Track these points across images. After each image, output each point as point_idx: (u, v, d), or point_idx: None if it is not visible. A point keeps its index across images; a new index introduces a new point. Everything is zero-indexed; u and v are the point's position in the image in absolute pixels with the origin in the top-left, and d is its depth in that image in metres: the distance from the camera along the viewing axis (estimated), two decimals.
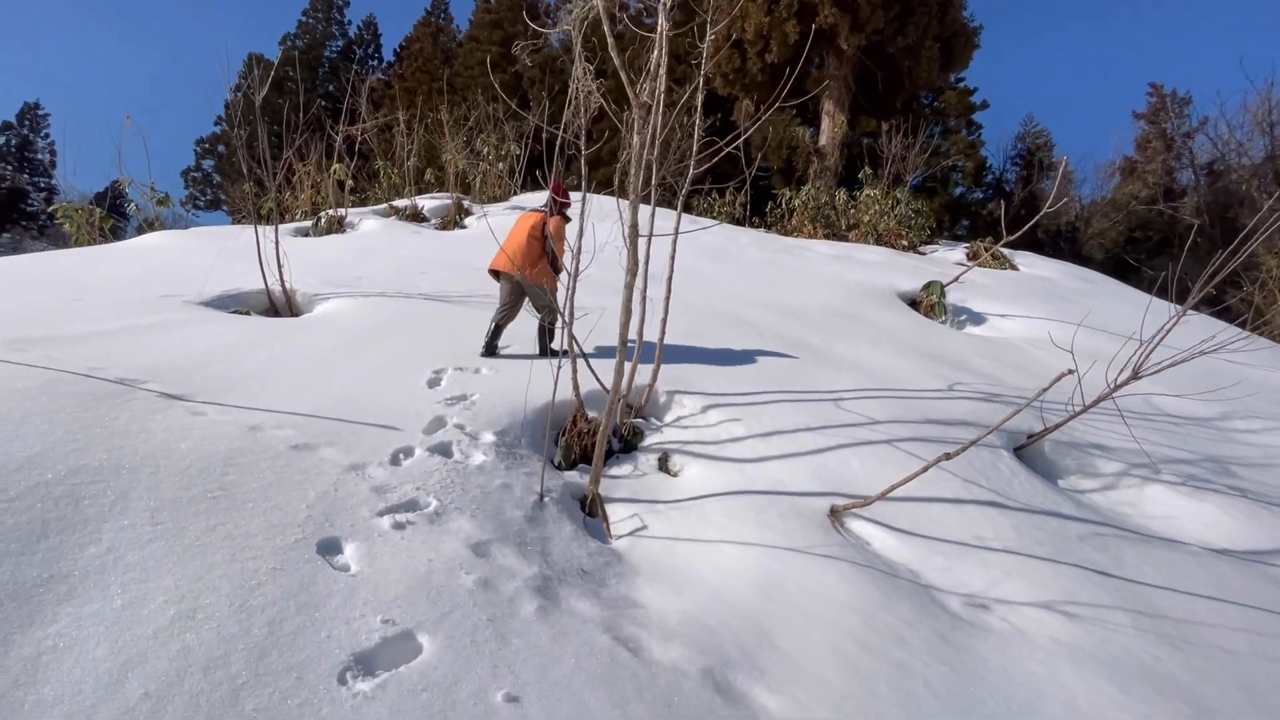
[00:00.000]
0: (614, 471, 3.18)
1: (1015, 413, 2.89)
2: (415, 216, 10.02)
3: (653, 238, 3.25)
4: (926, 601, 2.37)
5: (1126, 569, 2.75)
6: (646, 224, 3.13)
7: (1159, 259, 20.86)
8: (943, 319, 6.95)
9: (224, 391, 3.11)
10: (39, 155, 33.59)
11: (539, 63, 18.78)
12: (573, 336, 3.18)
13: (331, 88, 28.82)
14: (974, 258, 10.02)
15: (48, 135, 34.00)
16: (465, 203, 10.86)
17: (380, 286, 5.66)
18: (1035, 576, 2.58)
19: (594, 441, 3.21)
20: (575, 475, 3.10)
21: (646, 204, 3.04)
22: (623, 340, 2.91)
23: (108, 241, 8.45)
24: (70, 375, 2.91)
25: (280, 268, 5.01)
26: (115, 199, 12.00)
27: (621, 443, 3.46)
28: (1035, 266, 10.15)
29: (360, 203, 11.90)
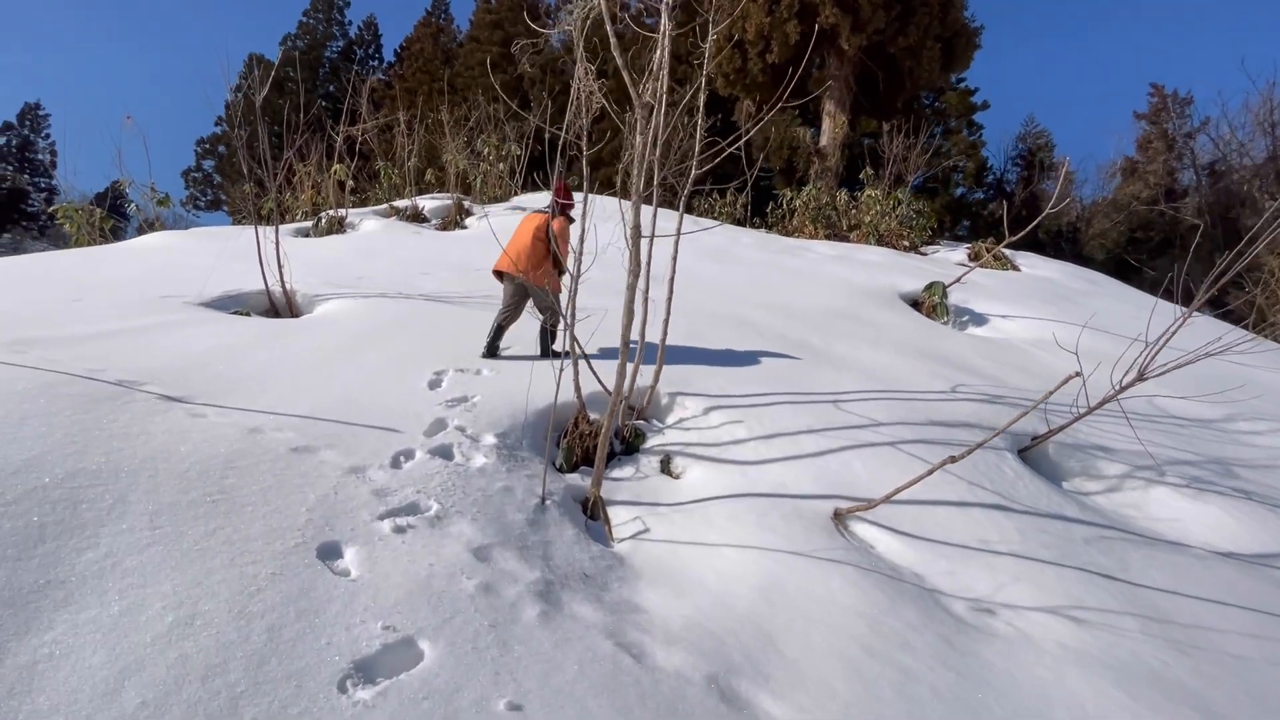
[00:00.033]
0: (616, 474, 3.16)
1: (1022, 415, 2.87)
2: (416, 217, 10.00)
3: (655, 239, 3.23)
4: (931, 606, 2.35)
5: (1132, 572, 2.73)
6: (648, 225, 3.12)
7: (1160, 259, 20.85)
8: (945, 320, 6.93)
9: (224, 393, 3.09)
10: (40, 155, 33.59)
11: (539, 63, 18.76)
12: (574, 338, 3.17)
13: (332, 88, 28.82)
14: (976, 258, 10.00)
15: (48, 135, 34.01)
16: (466, 203, 10.84)
17: (381, 287, 5.64)
18: (1041, 580, 2.56)
19: (596, 443, 3.19)
20: (577, 478, 3.08)
21: (648, 205, 3.01)
22: (625, 342, 2.89)
23: (108, 242, 8.43)
24: (69, 377, 2.89)
25: (280, 268, 4.99)
26: (115, 199, 11.99)
27: (623, 444, 3.44)
28: (1037, 267, 10.13)
29: (361, 203, 11.88)
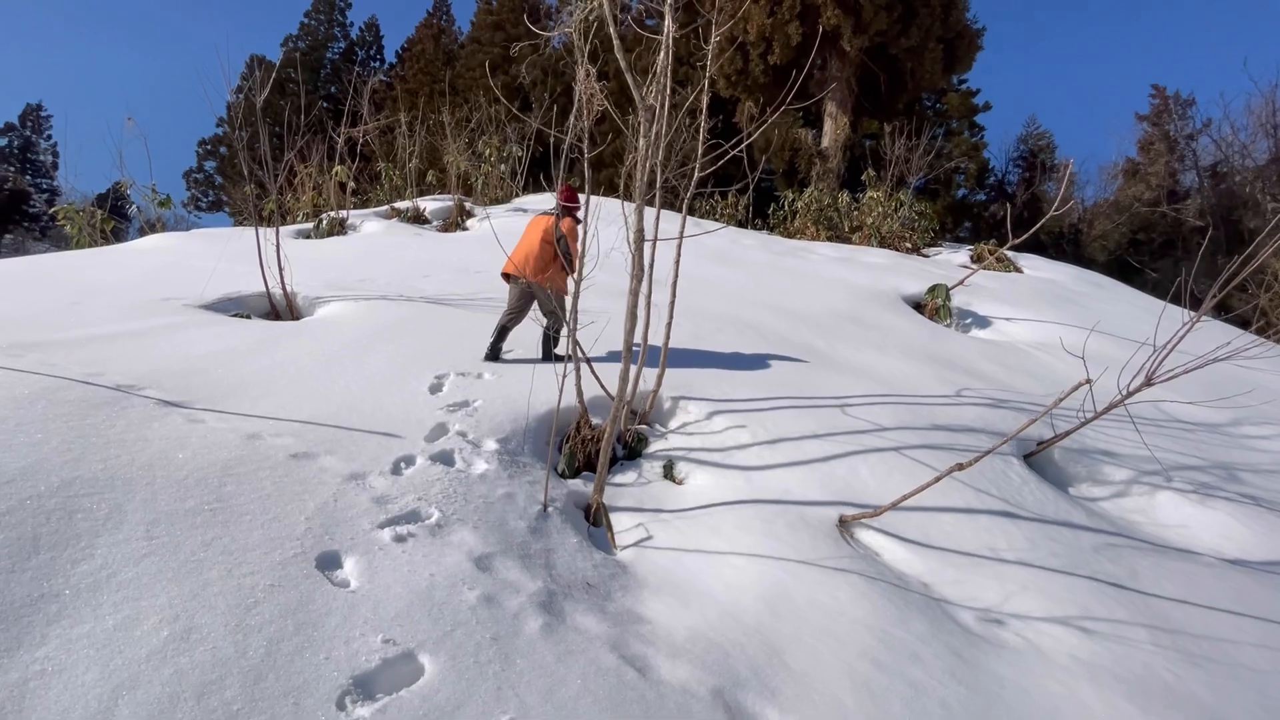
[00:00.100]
0: (618, 479, 3.13)
1: (1032, 421, 2.84)
2: (417, 218, 9.97)
3: (657, 242, 3.19)
4: (940, 616, 2.31)
5: (1142, 581, 2.69)
6: (650, 229, 3.08)
7: (1162, 261, 20.81)
8: (948, 322, 6.90)
9: (223, 397, 3.06)
10: (41, 157, 33.59)
11: (540, 64, 18.75)
12: (576, 342, 3.13)
13: (333, 89, 28.84)
14: (978, 260, 9.96)
15: (50, 137, 34.02)
16: (467, 204, 10.82)
17: (382, 289, 5.61)
18: (1050, 590, 2.52)
19: (598, 449, 3.15)
20: (579, 483, 3.05)
21: (651, 206, 2.98)
22: (628, 346, 2.85)
23: (109, 243, 8.41)
24: (67, 381, 2.86)
25: (281, 270, 4.96)
26: (117, 201, 11.97)
27: (626, 449, 3.40)
28: (1040, 269, 10.09)
29: (362, 204, 11.86)
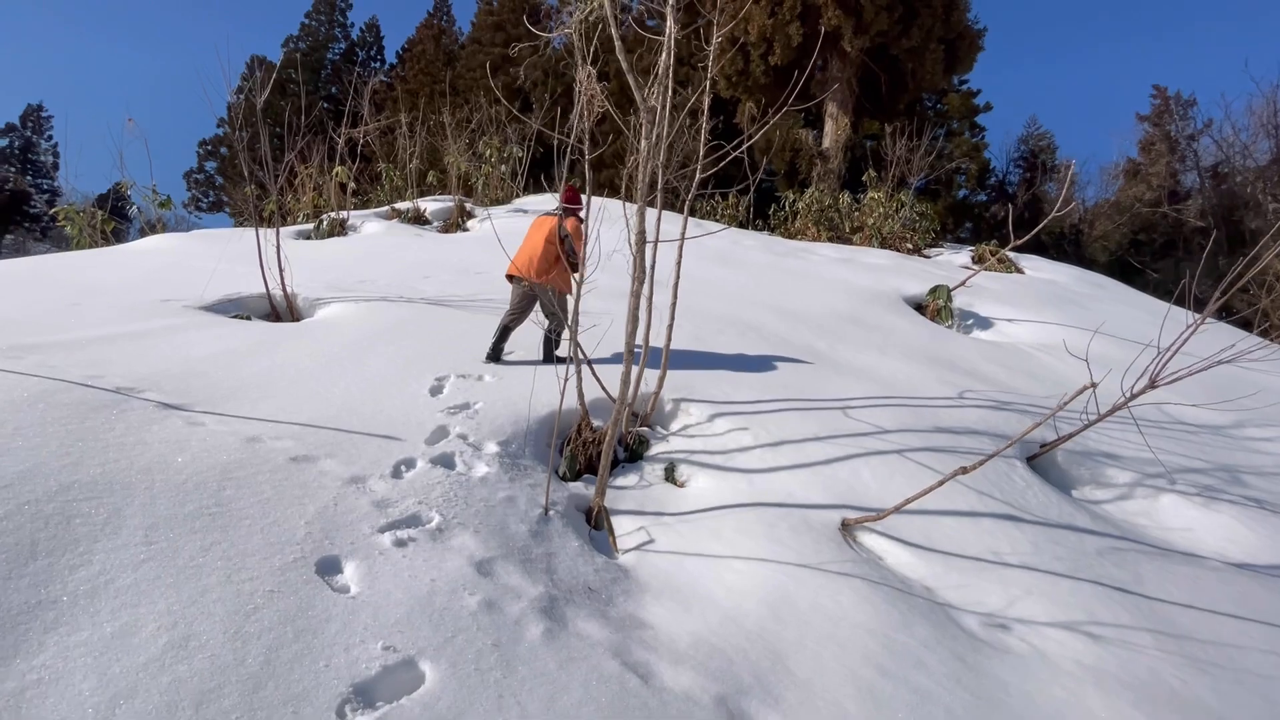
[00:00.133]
0: (619, 482, 3.11)
1: (1036, 425, 2.82)
2: (417, 219, 9.96)
3: (659, 244, 3.18)
4: (944, 621, 2.30)
5: (1147, 586, 2.67)
6: (652, 230, 3.07)
7: (1163, 262, 20.80)
8: (949, 324, 6.88)
9: (223, 400, 3.05)
10: (42, 157, 33.61)
11: (540, 65, 18.75)
12: (577, 344, 3.12)
13: (334, 90, 28.84)
14: (979, 261, 9.94)
15: (51, 137, 34.04)
16: (468, 205, 10.80)
17: (382, 290, 5.60)
18: (1054, 594, 2.50)
19: (599, 451, 3.14)
20: (580, 486, 3.03)
21: (652, 208, 2.97)
22: (629, 348, 2.84)
23: (109, 244, 8.41)
24: (66, 384, 2.85)
25: (282, 271, 4.95)
26: (117, 201, 11.97)
27: (627, 452, 3.39)
28: (1042, 270, 10.07)
29: (362, 205, 11.85)
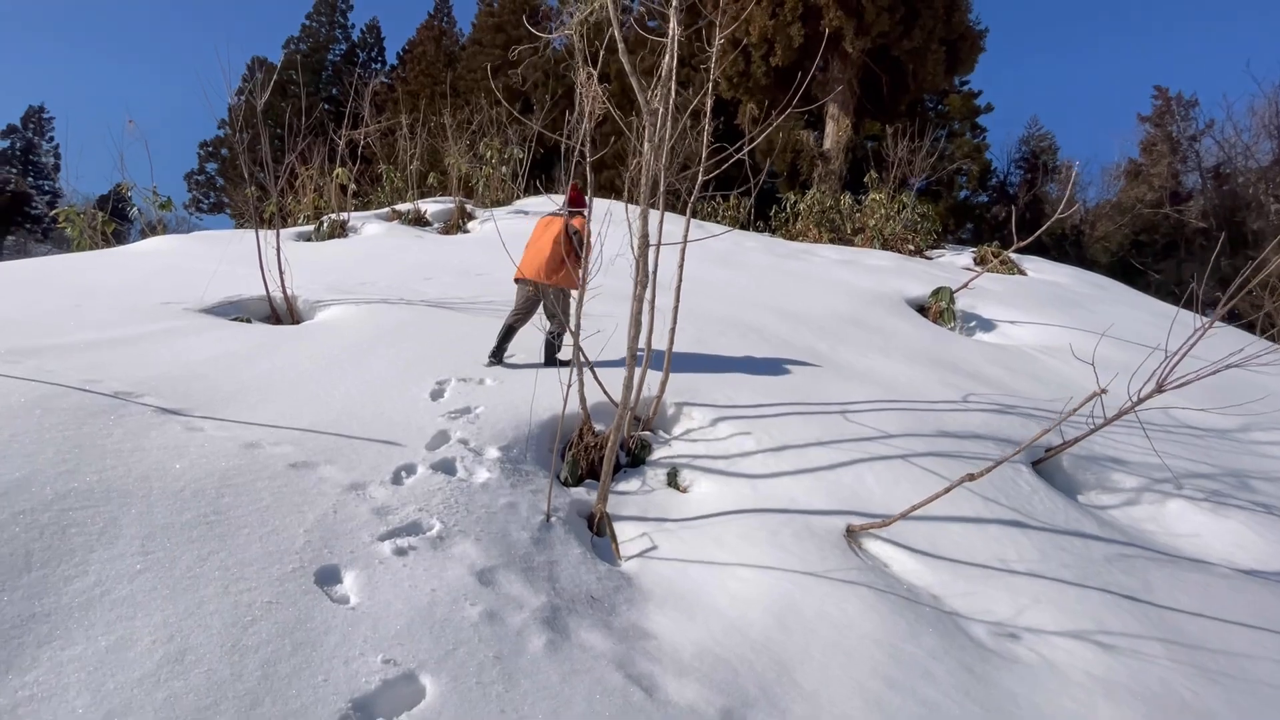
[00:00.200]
0: (621, 487, 3.08)
1: (1045, 432, 2.79)
2: (418, 220, 9.94)
3: (661, 246, 3.15)
4: (952, 630, 2.27)
5: (1156, 593, 2.64)
6: (655, 232, 3.04)
7: (1165, 263, 20.75)
8: (951, 325, 6.85)
9: (222, 404, 3.02)
10: (43, 158, 33.63)
11: (541, 66, 18.74)
12: (578, 347, 3.09)
13: (335, 91, 28.85)
14: (981, 262, 9.91)
15: (52, 139, 34.06)
16: (468, 206, 10.78)
17: (382, 292, 5.57)
18: (1063, 602, 2.47)
19: (601, 456, 3.11)
20: (582, 492, 3.01)
21: (654, 210, 2.94)
22: (632, 352, 2.81)
23: (110, 245, 8.39)
24: (63, 389, 2.82)
25: (282, 273, 4.93)
26: (118, 203, 11.95)
27: (629, 456, 3.36)
28: (1044, 272, 10.04)
29: (363, 206, 11.83)
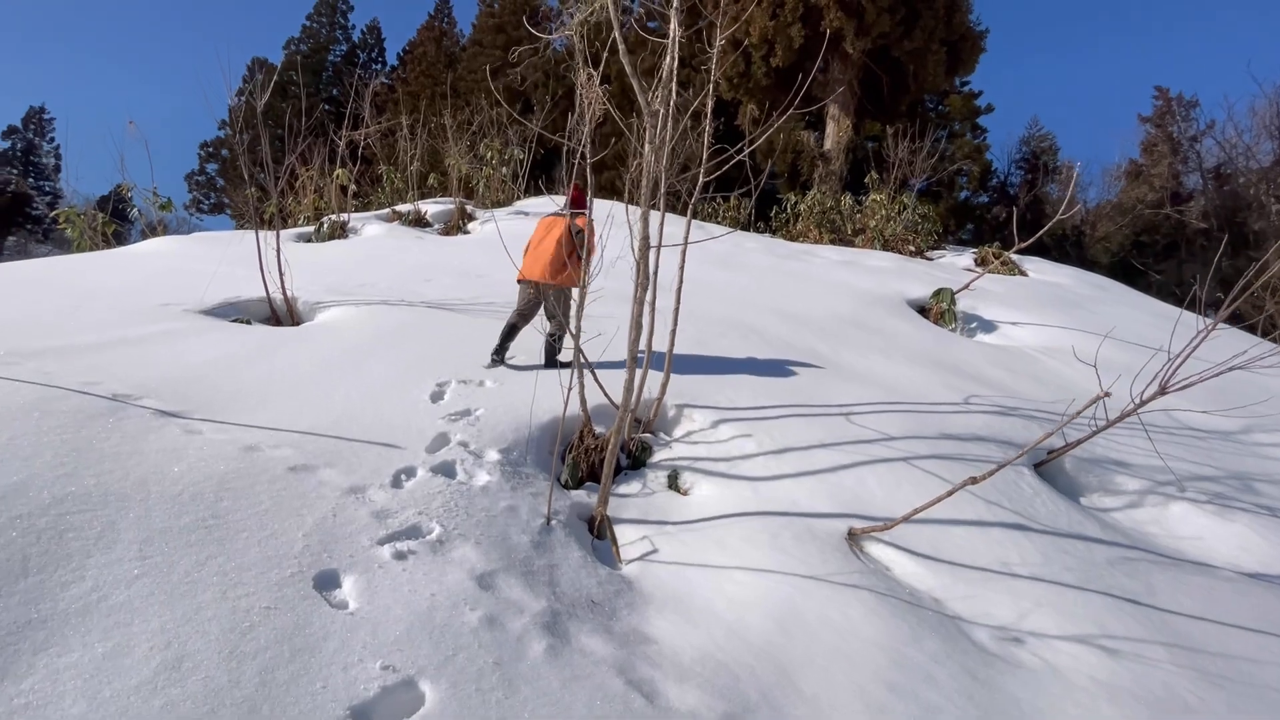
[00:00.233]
0: (622, 489, 3.07)
1: (1048, 435, 2.78)
2: (418, 221, 9.93)
3: (662, 248, 3.14)
4: (954, 634, 2.26)
5: (1159, 597, 2.63)
6: (655, 234, 3.03)
7: (1166, 263, 20.74)
8: (953, 327, 6.84)
9: (221, 407, 3.01)
10: (44, 159, 33.67)
11: (541, 66, 18.74)
12: (579, 349, 3.08)
13: (335, 92, 28.87)
14: (982, 263, 9.90)
15: (53, 139, 34.09)
16: (469, 207, 10.77)
17: (383, 294, 5.56)
18: (1065, 606, 2.46)
19: (602, 458, 3.10)
20: (582, 494, 3.00)
21: (655, 211, 2.93)
22: (632, 354, 2.80)
23: (110, 246, 8.38)
24: (62, 391, 2.81)
25: (282, 275, 4.92)
26: (118, 203, 11.95)
27: (630, 459, 3.35)
28: (1045, 273, 10.02)
29: (363, 207, 11.83)
